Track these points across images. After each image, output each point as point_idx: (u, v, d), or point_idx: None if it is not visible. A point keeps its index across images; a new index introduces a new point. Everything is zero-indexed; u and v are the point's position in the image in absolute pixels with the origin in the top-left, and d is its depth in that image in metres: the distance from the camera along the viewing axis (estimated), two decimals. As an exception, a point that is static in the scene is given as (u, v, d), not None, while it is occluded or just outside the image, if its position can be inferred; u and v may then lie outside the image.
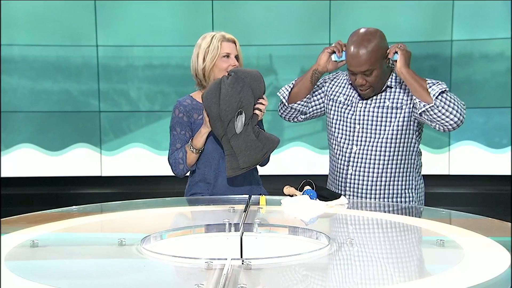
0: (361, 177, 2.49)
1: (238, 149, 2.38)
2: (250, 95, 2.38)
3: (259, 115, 2.42)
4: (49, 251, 1.70)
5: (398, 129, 2.45)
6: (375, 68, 2.37)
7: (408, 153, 2.50)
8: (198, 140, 2.47)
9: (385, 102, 2.46)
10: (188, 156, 2.49)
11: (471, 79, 5.49)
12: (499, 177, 5.44)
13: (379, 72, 2.40)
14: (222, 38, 2.52)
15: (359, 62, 2.36)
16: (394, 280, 1.44)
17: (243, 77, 2.37)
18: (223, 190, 2.52)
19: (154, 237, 1.78)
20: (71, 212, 2.17)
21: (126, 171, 5.65)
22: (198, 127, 2.50)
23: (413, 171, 2.54)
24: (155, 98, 5.67)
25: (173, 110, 2.56)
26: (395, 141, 2.46)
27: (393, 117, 2.45)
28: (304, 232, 1.85)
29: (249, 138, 2.38)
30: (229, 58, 2.52)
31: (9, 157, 5.57)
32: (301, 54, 5.46)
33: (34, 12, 5.49)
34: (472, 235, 1.77)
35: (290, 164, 5.49)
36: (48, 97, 5.58)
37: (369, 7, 5.41)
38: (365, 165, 2.48)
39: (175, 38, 5.54)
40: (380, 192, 2.49)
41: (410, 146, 2.49)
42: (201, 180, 2.56)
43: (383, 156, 2.47)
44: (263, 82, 2.41)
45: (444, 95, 2.33)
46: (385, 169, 2.47)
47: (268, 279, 1.41)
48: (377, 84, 2.43)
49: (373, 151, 2.47)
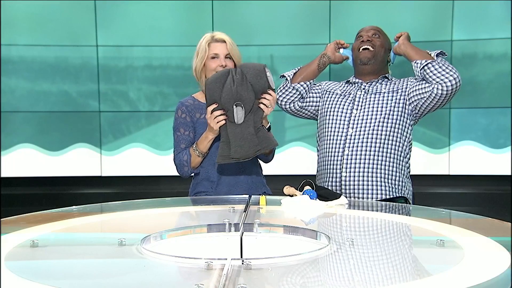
0: (357, 156, 2.55)
1: (233, 138, 2.39)
2: (250, 90, 2.38)
3: (265, 110, 2.41)
4: (49, 251, 1.69)
5: (393, 110, 2.56)
6: (381, 39, 2.63)
7: (400, 136, 2.56)
8: (204, 145, 2.48)
9: (382, 90, 2.60)
10: (193, 160, 2.51)
11: (471, 79, 5.48)
12: (499, 177, 5.44)
13: (383, 44, 2.63)
14: (210, 39, 2.57)
15: (370, 27, 2.67)
16: (394, 280, 1.43)
17: (245, 72, 2.39)
18: (227, 188, 2.53)
19: (154, 237, 1.78)
20: (71, 212, 2.17)
21: (126, 171, 5.65)
22: (201, 126, 2.52)
23: (404, 159, 2.61)
24: (155, 98, 5.67)
25: (175, 111, 2.58)
26: (389, 122, 2.57)
27: (389, 99, 2.58)
28: (304, 232, 1.85)
29: (247, 130, 2.39)
30: (218, 58, 2.54)
31: (9, 157, 5.57)
32: (301, 54, 5.45)
33: (34, 12, 5.49)
34: (472, 235, 1.77)
35: (290, 164, 5.49)
36: (47, 97, 5.58)
37: (369, 7, 5.41)
38: (361, 146, 2.56)
39: (175, 38, 5.54)
40: (373, 171, 2.55)
41: (403, 128, 2.56)
42: (205, 178, 2.57)
43: (378, 136, 2.56)
44: (266, 76, 2.40)
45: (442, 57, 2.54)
46: (379, 149, 2.56)
47: (268, 279, 1.41)
48: (378, 51, 2.62)
49: (368, 133, 2.56)
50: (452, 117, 5.54)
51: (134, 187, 5.59)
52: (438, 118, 5.48)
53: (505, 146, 5.46)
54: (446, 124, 5.52)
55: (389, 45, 2.68)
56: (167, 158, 5.61)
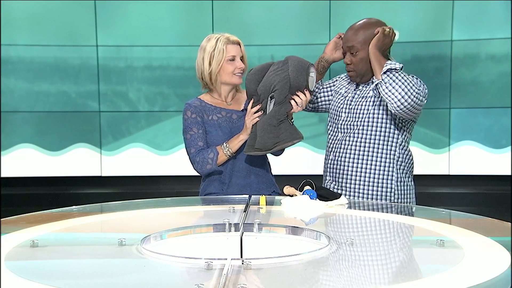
0: (340, 162, 2.52)
1: (258, 129, 2.40)
2: (286, 82, 2.37)
3: (294, 107, 2.40)
4: (49, 251, 1.69)
5: (376, 115, 2.48)
6: (361, 49, 2.46)
7: (386, 144, 2.49)
8: (236, 144, 2.49)
9: (369, 93, 2.51)
10: (220, 158, 2.49)
11: (471, 79, 5.49)
12: (499, 177, 5.44)
13: (364, 55, 2.46)
14: (227, 41, 2.51)
15: (346, 38, 2.51)
16: (394, 280, 1.43)
17: (288, 64, 2.39)
18: (238, 189, 2.52)
19: (154, 237, 1.78)
20: (71, 212, 2.17)
21: (126, 171, 5.65)
22: (211, 127, 2.51)
23: (393, 164, 2.51)
24: (155, 99, 5.67)
25: (184, 113, 2.55)
26: (372, 127, 2.48)
27: (375, 107, 2.49)
28: (304, 232, 1.85)
29: (269, 122, 2.39)
30: (235, 60, 2.52)
31: (9, 157, 5.57)
32: (301, 54, 5.44)
33: (33, 12, 5.49)
34: (472, 235, 1.77)
35: (290, 164, 5.49)
36: (47, 97, 5.59)
37: (369, 7, 5.41)
38: (345, 152, 2.52)
39: (175, 38, 5.54)
40: (356, 179, 2.51)
41: (388, 133, 2.48)
42: (216, 180, 2.56)
43: (361, 144, 2.50)
44: (306, 75, 2.38)
45: (394, 72, 2.38)
46: (362, 156, 2.50)
47: (268, 279, 1.41)
48: (360, 68, 2.48)
49: (354, 139, 2.50)
50: (452, 117, 5.54)
51: (134, 187, 5.59)
52: (438, 118, 5.49)
53: (505, 146, 5.46)
54: (446, 124, 5.52)
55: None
56: (167, 158, 5.61)
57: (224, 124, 2.54)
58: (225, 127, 2.54)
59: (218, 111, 2.56)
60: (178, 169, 5.31)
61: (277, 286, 1.37)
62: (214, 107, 2.56)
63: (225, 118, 2.56)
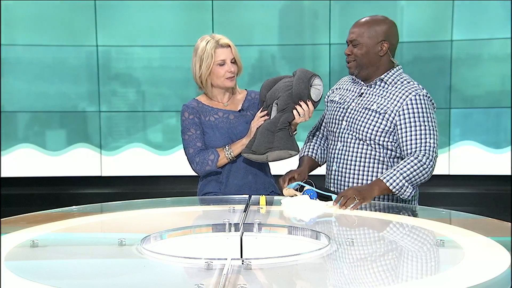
0: (344, 174, 2.49)
1: (257, 132, 2.44)
2: (288, 90, 2.41)
3: (296, 117, 2.43)
4: (49, 251, 1.70)
5: (381, 132, 2.43)
6: (363, 43, 2.44)
7: (390, 155, 2.47)
8: (239, 148, 2.50)
9: (372, 105, 2.46)
10: (220, 160, 2.50)
11: (471, 79, 5.49)
12: (499, 177, 5.44)
13: (367, 50, 2.45)
14: (216, 45, 2.49)
15: (350, 31, 2.50)
16: (394, 280, 1.44)
17: (296, 74, 2.44)
18: (235, 189, 2.52)
19: (154, 237, 1.78)
20: (71, 212, 2.17)
21: (126, 171, 5.65)
22: (208, 128, 2.51)
23: None
24: (155, 99, 5.67)
25: (181, 114, 2.55)
26: (376, 143, 2.44)
27: (375, 121, 2.44)
28: (304, 232, 1.85)
29: (268, 127, 2.43)
30: (225, 64, 2.51)
31: (9, 157, 5.57)
32: (301, 54, 5.46)
33: (33, 12, 5.49)
34: (472, 235, 1.77)
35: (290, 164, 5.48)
36: (47, 97, 5.58)
37: (369, 7, 5.40)
38: (346, 162, 2.49)
39: (175, 39, 5.54)
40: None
41: (393, 146, 2.45)
42: (213, 179, 2.56)
43: (361, 155, 2.47)
44: (308, 84, 2.41)
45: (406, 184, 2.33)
46: (362, 167, 2.47)
47: (268, 279, 1.41)
48: (362, 60, 2.46)
49: (354, 149, 2.48)
50: (452, 117, 5.54)
51: (134, 187, 5.59)
52: (438, 118, 5.46)
53: (505, 146, 5.46)
54: (446, 124, 5.52)
55: (379, 38, 2.46)
56: (167, 158, 5.61)
57: (221, 125, 2.54)
58: (222, 127, 2.54)
59: (215, 112, 2.56)
60: (178, 169, 5.30)
61: (277, 286, 1.37)
62: (211, 108, 2.56)
63: (222, 119, 2.56)
